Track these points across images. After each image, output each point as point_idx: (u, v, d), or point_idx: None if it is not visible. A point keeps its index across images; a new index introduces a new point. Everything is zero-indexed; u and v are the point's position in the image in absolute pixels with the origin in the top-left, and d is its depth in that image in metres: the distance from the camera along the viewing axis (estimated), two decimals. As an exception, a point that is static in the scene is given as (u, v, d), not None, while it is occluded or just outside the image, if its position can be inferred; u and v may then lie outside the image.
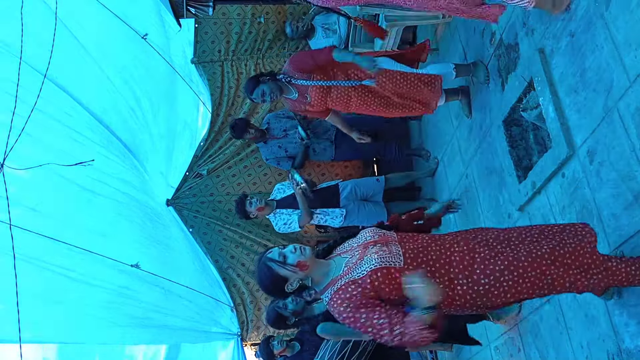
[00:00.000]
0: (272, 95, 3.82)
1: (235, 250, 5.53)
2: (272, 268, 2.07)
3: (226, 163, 5.60)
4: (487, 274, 2.00)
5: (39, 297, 3.44)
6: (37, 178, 3.54)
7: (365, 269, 1.98)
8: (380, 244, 2.05)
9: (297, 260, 2.05)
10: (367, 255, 2.02)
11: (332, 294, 2.01)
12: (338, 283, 2.02)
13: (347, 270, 2.03)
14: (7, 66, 3.54)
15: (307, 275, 2.09)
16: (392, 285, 1.96)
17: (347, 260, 2.08)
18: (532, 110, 3.25)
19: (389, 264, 1.98)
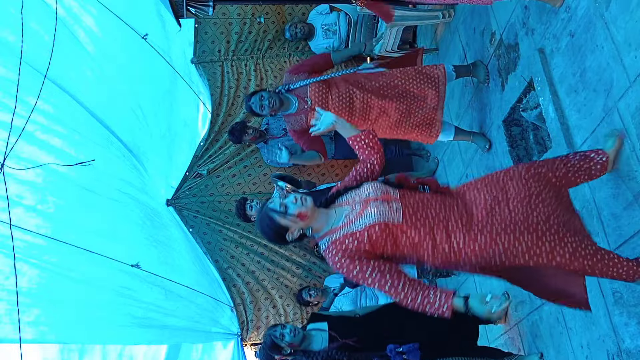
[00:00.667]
0: (270, 101, 3.73)
1: (235, 250, 5.53)
2: (274, 218, 2.10)
3: (226, 163, 5.60)
4: (484, 234, 2.02)
5: (39, 297, 3.44)
6: (37, 178, 3.54)
7: (363, 223, 2.04)
8: (381, 201, 2.08)
9: (298, 210, 2.08)
10: (367, 210, 2.06)
11: (329, 244, 2.09)
12: (336, 234, 2.08)
13: (346, 222, 2.09)
14: (7, 66, 3.54)
15: (308, 225, 2.13)
16: (389, 240, 2.04)
17: (348, 212, 2.12)
18: (532, 110, 3.26)
19: (387, 220, 2.02)
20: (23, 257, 3.31)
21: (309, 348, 3.29)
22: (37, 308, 3.39)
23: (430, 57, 5.27)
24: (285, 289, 5.63)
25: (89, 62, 4.54)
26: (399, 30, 4.67)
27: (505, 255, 2.02)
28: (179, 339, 4.77)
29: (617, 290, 2.50)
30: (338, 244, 2.06)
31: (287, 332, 3.31)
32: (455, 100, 4.56)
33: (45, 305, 3.49)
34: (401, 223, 2.03)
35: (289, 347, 3.24)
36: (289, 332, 3.31)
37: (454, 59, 4.57)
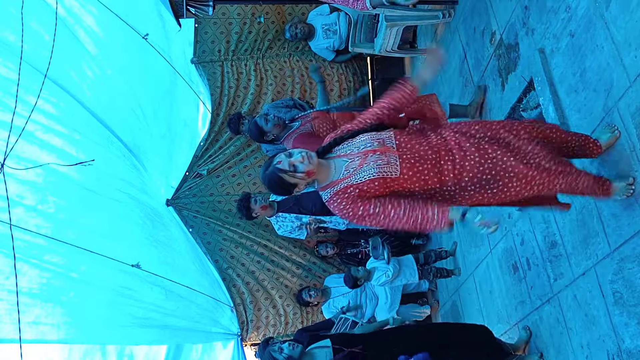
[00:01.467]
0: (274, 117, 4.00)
1: (235, 250, 5.53)
2: (283, 178, 2.21)
3: (226, 163, 5.60)
4: (474, 182, 2.19)
5: (39, 297, 3.44)
6: (37, 178, 3.53)
7: (364, 176, 2.18)
8: (379, 153, 2.19)
9: (306, 169, 2.19)
10: (367, 164, 2.18)
11: (332, 194, 2.24)
12: (338, 185, 2.22)
13: (347, 174, 2.21)
14: (7, 66, 3.54)
15: (313, 179, 2.26)
16: (387, 189, 2.20)
17: (347, 164, 2.23)
18: (532, 110, 3.25)
19: (386, 174, 2.17)
20: (23, 257, 3.31)
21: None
22: (37, 308, 3.39)
23: (430, 57, 5.26)
24: (285, 289, 5.62)
25: (89, 62, 4.54)
26: (399, 30, 4.67)
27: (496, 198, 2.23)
28: (179, 339, 4.77)
29: (617, 291, 2.50)
30: (341, 193, 2.21)
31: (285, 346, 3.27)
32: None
33: (45, 305, 3.48)
34: (398, 176, 2.18)
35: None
36: (287, 345, 3.28)
37: (454, 59, 4.57)
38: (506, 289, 3.72)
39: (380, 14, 4.56)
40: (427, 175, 2.19)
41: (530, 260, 3.38)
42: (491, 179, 2.18)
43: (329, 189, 2.25)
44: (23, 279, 3.19)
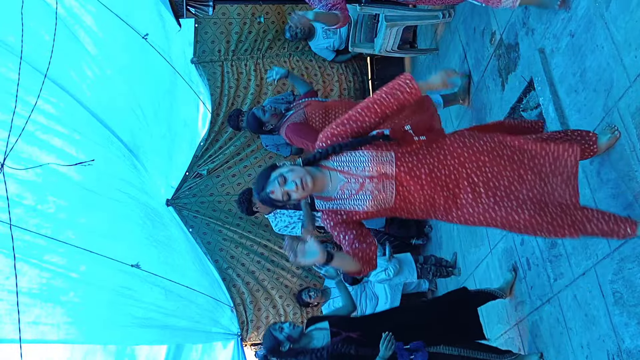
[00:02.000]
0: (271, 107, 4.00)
1: (235, 250, 5.53)
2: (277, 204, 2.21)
3: (226, 163, 5.60)
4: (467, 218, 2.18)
5: (39, 297, 3.44)
6: (37, 178, 3.53)
7: (357, 205, 2.20)
8: (376, 181, 2.15)
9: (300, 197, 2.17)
10: (363, 192, 2.17)
11: (325, 210, 2.26)
12: (332, 203, 2.23)
13: (341, 195, 2.21)
14: (7, 66, 3.54)
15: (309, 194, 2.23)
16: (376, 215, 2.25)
17: (343, 184, 2.20)
18: (532, 110, 3.25)
19: (379, 207, 2.19)
20: (23, 257, 3.31)
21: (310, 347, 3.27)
22: (37, 308, 3.39)
23: (431, 57, 5.27)
24: (285, 289, 5.62)
25: (89, 62, 4.54)
26: (399, 30, 4.66)
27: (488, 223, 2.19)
28: (179, 339, 4.77)
29: (617, 290, 2.50)
30: (332, 213, 2.25)
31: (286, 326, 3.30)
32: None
33: (45, 305, 3.49)
34: (391, 206, 2.20)
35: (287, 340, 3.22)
36: (287, 325, 3.30)
37: (453, 59, 4.57)
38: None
39: (380, 14, 4.56)
40: (419, 208, 2.21)
41: (530, 260, 3.38)
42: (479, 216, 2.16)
43: (323, 201, 2.25)
44: (23, 279, 3.19)
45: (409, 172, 2.16)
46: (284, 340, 3.19)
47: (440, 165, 2.18)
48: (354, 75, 6.00)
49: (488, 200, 2.12)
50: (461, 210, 2.16)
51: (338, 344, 3.08)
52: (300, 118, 3.89)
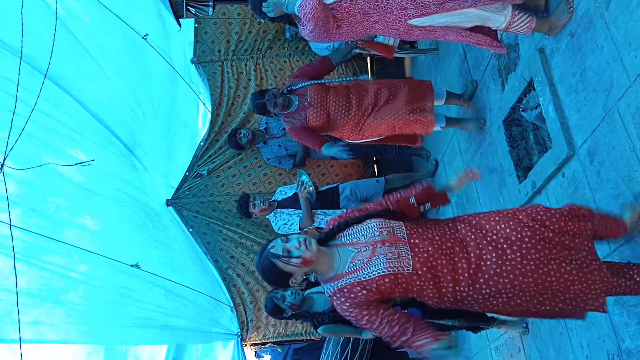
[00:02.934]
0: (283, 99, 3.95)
1: (235, 250, 5.53)
2: (277, 265, 2.02)
3: (226, 163, 5.60)
4: (490, 285, 1.99)
5: (39, 297, 3.44)
6: (37, 178, 3.53)
7: (373, 272, 1.97)
8: (389, 244, 2.01)
9: (302, 256, 2.00)
10: (376, 257, 1.99)
11: (336, 290, 2.02)
12: (343, 280, 2.01)
13: (353, 269, 2.01)
14: (7, 66, 3.54)
15: (312, 270, 2.06)
16: (398, 288, 1.99)
17: (354, 255, 2.04)
18: (532, 110, 3.25)
19: (398, 270, 1.97)
20: (23, 257, 3.30)
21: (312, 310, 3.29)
22: (37, 308, 3.39)
23: (431, 57, 5.27)
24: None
25: (89, 62, 4.54)
26: (399, 30, 4.66)
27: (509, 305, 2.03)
28: (179, 339, 4.77)
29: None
30: (346, 291, 2.00)
31: (288, 294, 3.32)
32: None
33: (45, 305, 3.49)
34: (411, 272, 1.98)
35: (290, 308, 3.25)
36: (290, 293, 3.32)
37: (454, 59, 4.57)
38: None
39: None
40: (441, 272, 1.99)
41: (530, 260, 3.37)
42: (508, 283, 1.98)
43: (333, 282, 2.04)
44: (23, 279, 3.19)
45: (421, 235, 2.06)
46: (286, 308, 3.23)
47: (452, 230, 2.09)
48: (354, 75, 6.00)
49: (514, 255, 1.97)
50: (488, 273, 1.98)
51: None
52: (299, 122, 3.95)
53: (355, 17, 2.68)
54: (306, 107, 3.89)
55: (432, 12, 2.68)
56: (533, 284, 1.97)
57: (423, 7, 2.66)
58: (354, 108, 3.86)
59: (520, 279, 1.97)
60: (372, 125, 3.88)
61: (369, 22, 2.71)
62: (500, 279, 1.98)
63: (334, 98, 3.89)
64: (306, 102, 3.90)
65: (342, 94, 3.90)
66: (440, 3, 2.67)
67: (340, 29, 2.85)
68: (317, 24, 2.78)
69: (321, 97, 3.88)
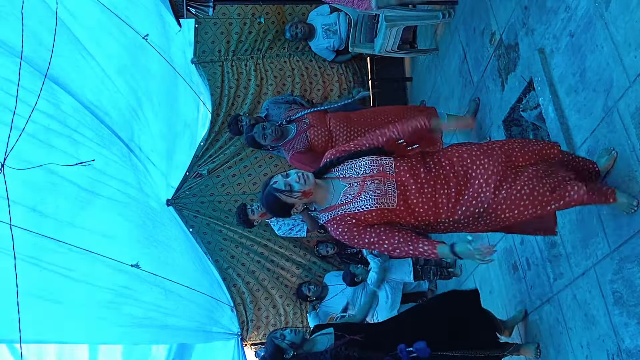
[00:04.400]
0: (273, 130, 3.88)
1: (235, 250, 5.53)
2: (280, 197, 2.24)
3: (226, 163, 5.60)
4: (467, 215, 2.22)
5: (39, 297, 3.44)
6: (37, 178, 3.53)
7: (361, 206, 2.22)
8: (378, 180, 2.22)
9: (302, 189, 2.22)
10: (365, 192, 2.22)
11: (331, 218, 2.28)
12: (336, 211, 2.26)
13: (345, 201, 2.25)
14: (7, 66, 3.54)
15: (311, 200, 2.29)
16: (383, 219, 2.24)
17: (346, 189, 2.26)
18: (532, 110, 3.25)
19: (383, 206, 2.21)
20: (23, 257, 3.31)
21: (314, 350, 3.25)
22: (37, 308, 3.39)
23: (431, 57, 5.27)
24: (285, 288, 5.62)
25: (89, 62, 4.54)
26: (398, 30, 4.66)
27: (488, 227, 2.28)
28: (179, 339, 4.77)
29: (617, 290, 2.50)
30: (339, 219, 2.25)
31: (287, 332, 3.28)
32: (455, 100, 4.57)
33: (45, 305, 3.49)
34: (395, 207, 2.22)
35: (290, 347, 3.21)
36: (289, 332, 3.29)
37: (453, 59, 4.57)
38: (506, 289, 3.72)
39: (380, 14, 4.56)
40: (422, 209, 2.23)
41: (530, 260, 3.38)
42: (484, 212, 2.21)
43: (327, 213, 2.29)
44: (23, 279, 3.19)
45: (408, 172, 2.25)
46: (287, 348, 3.18)
47: (437, 166, 2.28)
48: (354, 76, 6.00)
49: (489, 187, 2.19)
50: (465, 205, 2.20)
51: (342, 346, 3.05)
52: (303, 145, 3.86)
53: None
54: (305, 128, 3.86)
55: None
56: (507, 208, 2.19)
57: None
58: (355, 124, 3.83)
59: (494, 206, 2.19)
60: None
61: None
62: (476, 209, 2.21)
63: (333, 117, 3.89)
64: (305, 124, 3.88)
65: (341, 115, 3.92)
66: None
67: None
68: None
69: (319, 118, 3.89)
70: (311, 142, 3.84)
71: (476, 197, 2.20)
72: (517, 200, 2.17)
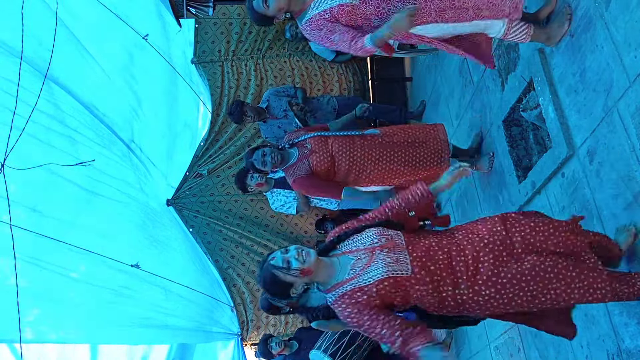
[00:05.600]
0: (272, 157, 3.75)
1: (235, 250, 5.53)
2: (277, 276, 2.07)
3: (226, 163, 5.60)
4: (489, 286, 2.03)
5: (39, 297, 3.44)
6: (37, 178, 3.54)
7: (372, 277, 2.01)
8: (387, 249, 2.06)
9: (301, 267, 2.05)
10: (375, 262, 2.04)
11: (338, 297, 2.06)
12: (344, 287, 2.05)
13: (353, 275, 2.06)
14: (7, 66, 3.54)
15: (312, 280, 2.11)
16: (398, 293, 2.02)
17: (353, 262, 2.09)
18: (532, 110, 3.25)
19: (396, 274, 2.01)
20: (23, 257, 3.31)
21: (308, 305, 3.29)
22: (37, 308, 3.39)
23: (431, 57, 5.27)
24: (285, 289, 5.62)
25: (89, 62, 4.55)
26: (399, 30, 4.66)
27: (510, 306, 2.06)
28: (179, 339, 4.78)
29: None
30: (347, 297, 2.04)
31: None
32: (455, 100, 4.57)
33: (45, 305, 3.49)
34: (409, 275, 2.03)
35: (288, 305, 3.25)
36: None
37: (454, 59, 4.57)
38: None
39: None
40: (440, 276, 2.03)
41: (530, 260, 3.37)
42: (507, 282, 2.03)
43: (334, 291, 2.09)
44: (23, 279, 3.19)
45: (418, 242, 2.11)
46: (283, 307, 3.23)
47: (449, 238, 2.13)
48: (354, 76, 6.00)
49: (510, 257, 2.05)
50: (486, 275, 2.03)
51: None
52: (304, 171, 3.72)
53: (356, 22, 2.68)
54: (307, 154, 3.69)
55: (432, 20, 2.67)
56: (532, 280, 2.01)
57: (423, 15, 2.65)
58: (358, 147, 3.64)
59: (518, 277, 2.02)
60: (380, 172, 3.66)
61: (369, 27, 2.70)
62: (498, 279, 2.02)
63: (336, 141, 3.69)
64: (307, 150, 3.71)
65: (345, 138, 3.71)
66: (441, 11, 2.66)
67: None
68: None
69: (322, 142, 3.71)
70: (314, 169, 3.68)
71: (497, 266, 2.03)
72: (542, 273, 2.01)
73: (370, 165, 3.64)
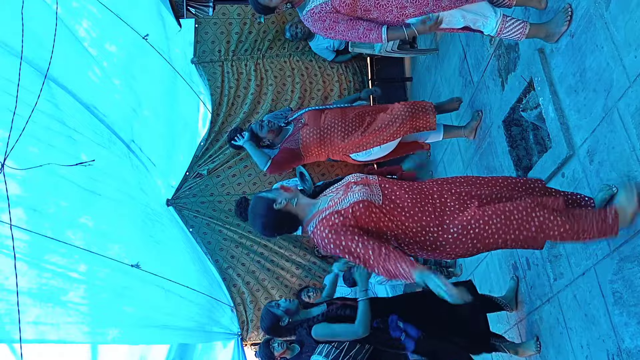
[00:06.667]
0: (269, 122, 4.10)
1: (236, 250, 5.53)
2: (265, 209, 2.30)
3: (226, 163, 5.60)
4: (456, 224, 2.17)
5: (39, 297, 3.44)
6: (37, 178, 3.54)
7: (348, 202, 2.20)
8: (362, 184, 2.28)
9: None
10: (351, 192, 2.24)
11: (317, 223, 2.22)
12: (323, 214, 2.23)
13: (332, 204, 2.25)
14: (7, 66, 3.54)
15: (293, 197, 2.29)
16: (371, 217, 2.18)
17: (332, 196, 2.30)
18: (532, 110, 3.26)
19: (370, 199, 2.19)
20: (23, 257, 3.31)
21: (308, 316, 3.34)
22: (37, 308, 3.39)
23: (430, 57, 5.27)
24: (285, 289, 5.62)
25: (89, 62, 4.55)
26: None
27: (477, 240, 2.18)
28: (179, 339, 4.77)
29: (617, 290, 2.50)
30: (325, 221, 2.19)
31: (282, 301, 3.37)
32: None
33: (45, 305, 3.49)
34: (381, 204, 2.21)
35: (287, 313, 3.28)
36: (284, 300, 3.38)
37: (453, 59, 4.57)
38: (506, 289, 3.72)
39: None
40: (408, 213, 2.20)
41: (530, 260, 3.38)
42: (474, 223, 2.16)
43: (314, 219, 2.24)
44: (23, 279, 3.19)
45: (390, 183, 2.33)
46: (282, 315, 3.25)
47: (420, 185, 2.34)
48: (354, 76, 6.01)
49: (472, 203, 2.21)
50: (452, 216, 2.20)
51: (334, 309, 3.20)
52: (295, 144, 4.01)
53: (355, 13, 2.71)
54: (300, 127, 4.01)
55: (429, 10, 2.71)
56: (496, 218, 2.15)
57: (421, 6, 2.70)
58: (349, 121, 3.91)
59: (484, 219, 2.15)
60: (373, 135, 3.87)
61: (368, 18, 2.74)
62: (464, 219, 2.17)
63: (329, 113, 3.98)
64: (300, 124, 4.02)
65: (337, 111, 4.00)
66: (437, 1, 2.70)
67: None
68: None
69: (315, 116, 4.01)
70: (302, 141, 3.94)
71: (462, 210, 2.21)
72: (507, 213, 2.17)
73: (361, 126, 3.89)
